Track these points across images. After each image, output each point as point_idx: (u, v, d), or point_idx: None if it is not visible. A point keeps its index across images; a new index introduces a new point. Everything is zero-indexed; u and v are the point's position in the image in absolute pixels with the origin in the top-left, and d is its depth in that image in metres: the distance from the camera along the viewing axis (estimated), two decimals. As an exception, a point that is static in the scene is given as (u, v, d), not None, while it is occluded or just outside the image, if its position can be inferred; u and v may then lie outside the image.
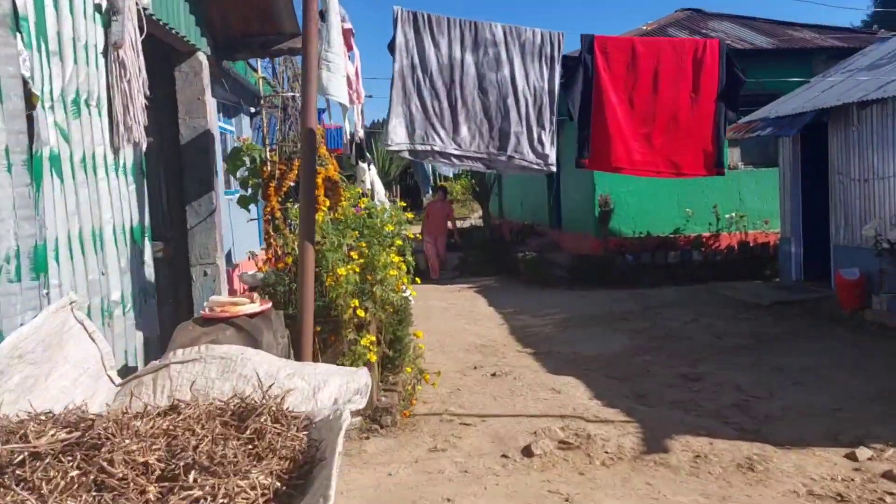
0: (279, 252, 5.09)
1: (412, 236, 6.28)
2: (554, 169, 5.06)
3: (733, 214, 12.73)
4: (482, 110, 4.70)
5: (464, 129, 4.66)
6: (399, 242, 5.40)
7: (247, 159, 6.00)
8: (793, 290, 10.53)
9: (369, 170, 9.00)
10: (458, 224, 21.84)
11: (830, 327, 8.45)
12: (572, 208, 14.59)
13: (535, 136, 4.78)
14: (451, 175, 26.62)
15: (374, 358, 4.71)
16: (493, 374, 6.84)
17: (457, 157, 4.67)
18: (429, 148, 4.64)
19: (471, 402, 5.93)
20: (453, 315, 10.36)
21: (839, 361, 6.96)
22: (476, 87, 4.69)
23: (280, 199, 5.34)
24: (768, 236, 12.69)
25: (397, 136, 4.61)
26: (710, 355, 7.48)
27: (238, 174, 6.10)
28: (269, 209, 5.29)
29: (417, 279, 6.82)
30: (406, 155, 4.68)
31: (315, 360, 4.94)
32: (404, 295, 6.23)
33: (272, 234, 5.22)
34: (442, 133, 4.61)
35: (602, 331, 8.88)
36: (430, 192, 16.23)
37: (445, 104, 4.64)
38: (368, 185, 9.20)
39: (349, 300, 4.62)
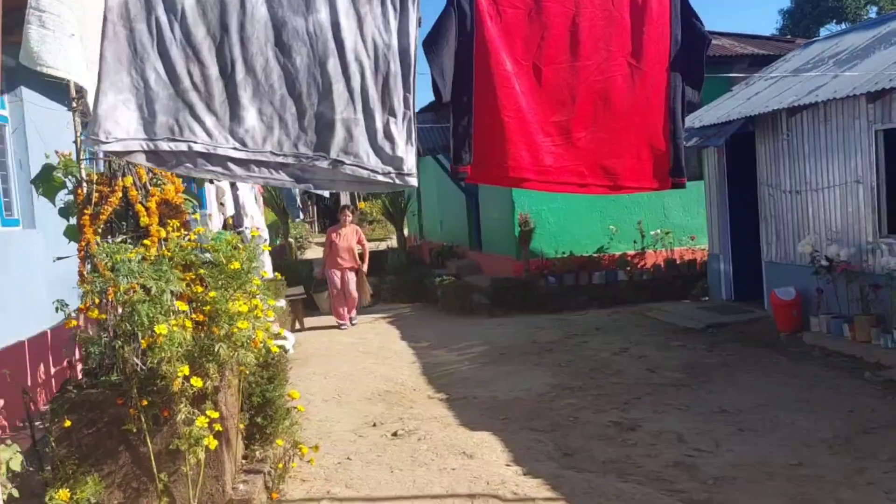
0: (96, 300, 3.84)
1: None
2: (413, 182, 3.12)
3: (658, 231, 12.08)
4: (283, 82, 2.82)
5: (250, 115, 2.77)
6: (256, 282, 4.22)
7: (69, 179, 4.72)
8: (724, 311, 9.85)
9: (234, 188, 7.67)
10: (374, 247, 20.69)
11: (769, 354, 7.72)
12: (492, 228, 13.69)
13: (380, 126, 2.98)
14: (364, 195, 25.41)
15: (212, 444, 3.51)
16: (395, 434, 5.70)
17: (239, 162, 2.76)
18: (184, 147, 2.73)
19: (362, 479, 4.78)
20: (360, 353, 9.19)
21: (785, 397, 6.17)
22: (270, 43, 2.78)
23: (99, 231, 4.09)
24: (695, 253, 12.08)
25: (119, 126, 2.69)
26: (643, 394, 6.58)
27: (57, 200, 4.80)
28: (83, 244, 4.05)
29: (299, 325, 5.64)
30: (139, 160, 2.71)
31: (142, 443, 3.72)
32: (278, 344, 5.04)
33: (87, 276, 3.97)
34: (208, 121, 2.70)
35: (523, 366, 7.89)
36: (300, 215, 14.67)
37: (213, 70, 2.71)
38: (231, 210, 7.91)
39: (177, 366, 3.42)
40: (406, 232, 26.79)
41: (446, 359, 8.61)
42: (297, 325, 11.18)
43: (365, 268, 11.26)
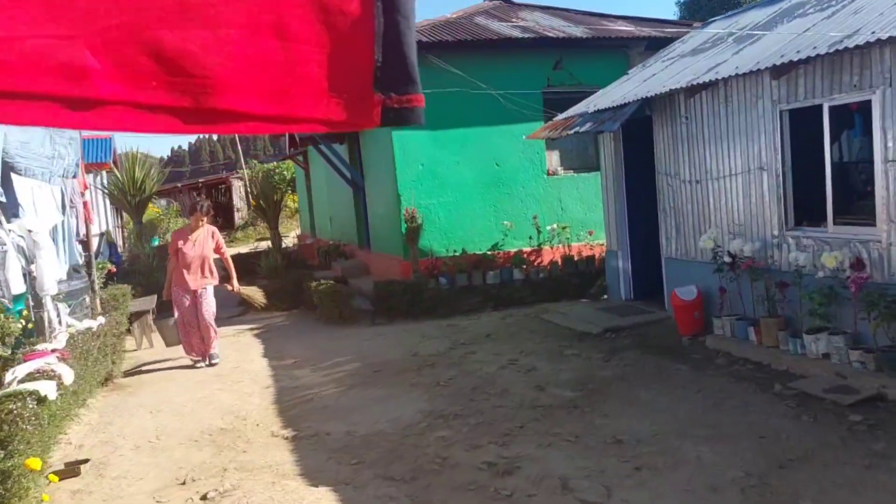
0: None
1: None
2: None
3: (555, 226, 11.20)
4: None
5: None
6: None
7: None
8: (624, 312, 9.02)
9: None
10: (255, 247, 19.07)
11: (670, 363, 6.87)
12: (379, 225, 12.49)
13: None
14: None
15: None
16: (204, 498, 4.41)
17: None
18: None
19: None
20: (208, 376, 7.81)
21: (689, 420, 5.27)
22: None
23: None
24: (593, 249, 11.28)
25: None
26: (528, 420, 5.55)
27: None
28: None
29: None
30: None
31: None
32: (26, 390, 3.67)
33: None
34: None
35: (397, 388, 6.74)
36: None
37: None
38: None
39: None
40: (300, 230, 25.35)
41: (309, 380, 7.35)
42: (146, 343, 9.63)
43: (236, 285, 8.96)
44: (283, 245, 17.79)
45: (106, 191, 11.20)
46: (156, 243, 24.38)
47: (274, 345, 9.23)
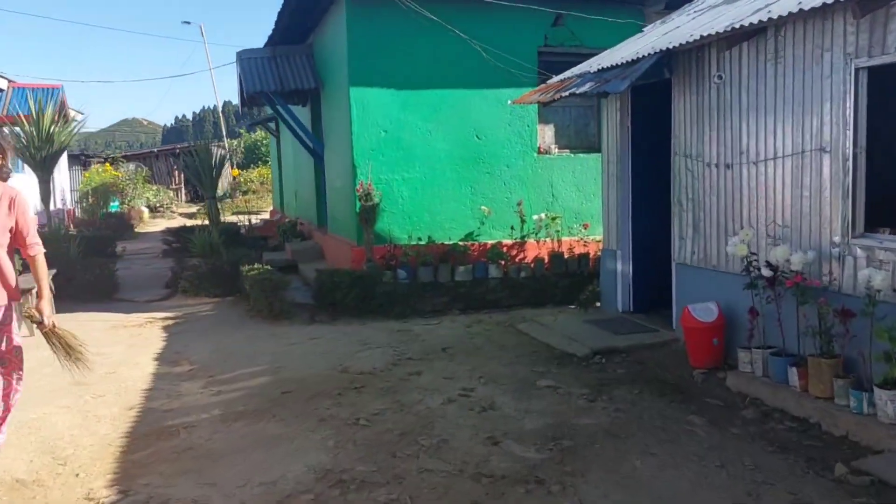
0: None
1: None
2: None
3: (543, 215, 9.29)
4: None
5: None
6: None
7: None
8: (619, 327, 7.14)
9: None
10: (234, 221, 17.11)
11: (679, 410, 4.99)
12: (335, 201, 10.57)
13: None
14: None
15: None
16: None
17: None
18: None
19: None
20: (66, 383, 5.90)
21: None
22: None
23: None
24: (588, 246, 9.38)
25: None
26: None
27: None
28: None
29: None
30: None
31: None
32: None
33: None
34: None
35: (298, 425, 4.86)
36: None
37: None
38: None
39: None
40: (272, 206, 23.39)
41: (192, 401, 5.46)
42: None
43: (46, 311, 4.32)
44: (238, 221, 15.86)
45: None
46: (115, 209, 22.49)
47: (178, 342, 7.34)
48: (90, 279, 9.66)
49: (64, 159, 24.74)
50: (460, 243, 9.10)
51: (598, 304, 8.15)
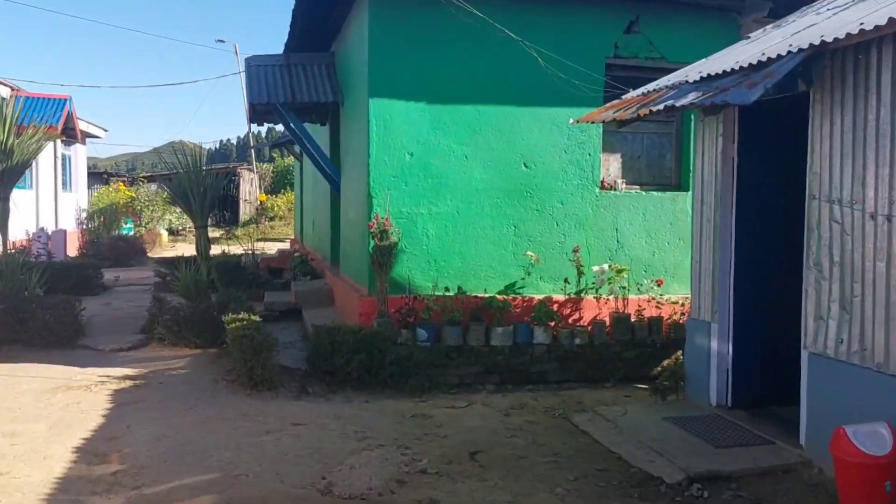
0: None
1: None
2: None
3: (606, 267, 7.33)
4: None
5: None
6: None
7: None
8: (717, 432, 5.12)
9: None
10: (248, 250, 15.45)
11: None
12: (348, 236, 8.75)
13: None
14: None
15: None
16: None
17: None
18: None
19: None
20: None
21: None
22: None
23: None
24: (662, 308, 7.39)
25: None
26: None
27: None
28: None
29: None
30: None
31: None
32: None
33: None
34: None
35: None
36: None
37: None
38: None
39: None
40: (294, 234, 21.77)
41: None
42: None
43: None
44: (253, 251, 14.14)
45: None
46: (128, 231, 21.07)
47: (120, 420, 5.51)
48: (49, 320, 7.96)
49: (84, 177, 23.58)
50: (498, 297, 7.18)
51: (677, 396, 6.12)
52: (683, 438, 5.09)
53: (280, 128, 18.29)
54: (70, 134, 17.10)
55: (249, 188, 32.50)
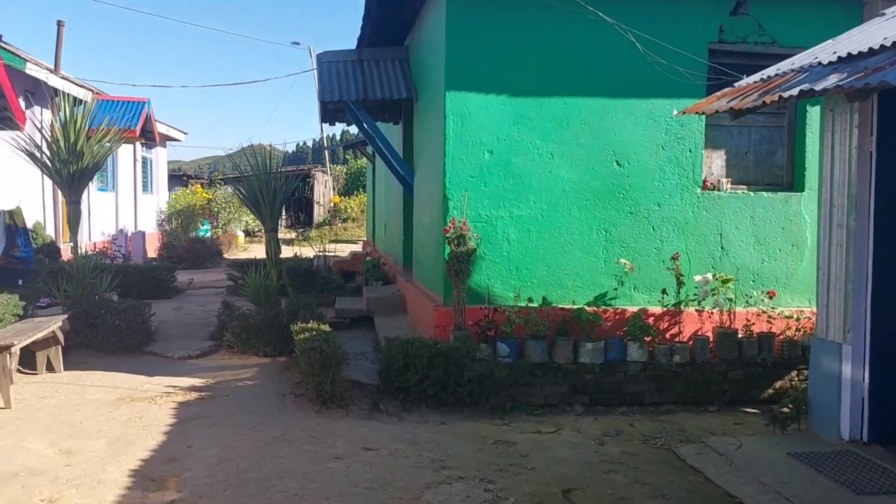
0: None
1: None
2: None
3: (710, 276, 6.56)
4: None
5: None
6: None
7: None
8: (854, 474, 4.33)
9: None
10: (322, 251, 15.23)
11: None
12: (422, 241, 8.24)
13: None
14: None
15: None
16: None
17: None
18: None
19: None
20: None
21: None
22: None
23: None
24: (773, 323, 6.57)
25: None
26: None
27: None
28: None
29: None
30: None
31: None
32: None
33: None
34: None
35: None
36: None
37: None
38: None
39: None
40: (366, 236, 21.53)
41: None
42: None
43: None
44: (325, 255, 13.84)
45: (25, 150, 7.55)
46: (205, 233, 21.27)
47: (181, 439, 5.14)
48: (119, 326, 7.76)
49: (164, 179, 24.05)
50: (587, 309, 6.52)
51: (797, 426, 5.32)
52: (814, 481, 4.32)
53: (354, 129, 18.14)
54: (149, 137, 17.30)
55: (323, 190, 32.66)
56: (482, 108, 6.58)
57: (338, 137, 55.42)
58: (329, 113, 9.40)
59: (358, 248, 21.55)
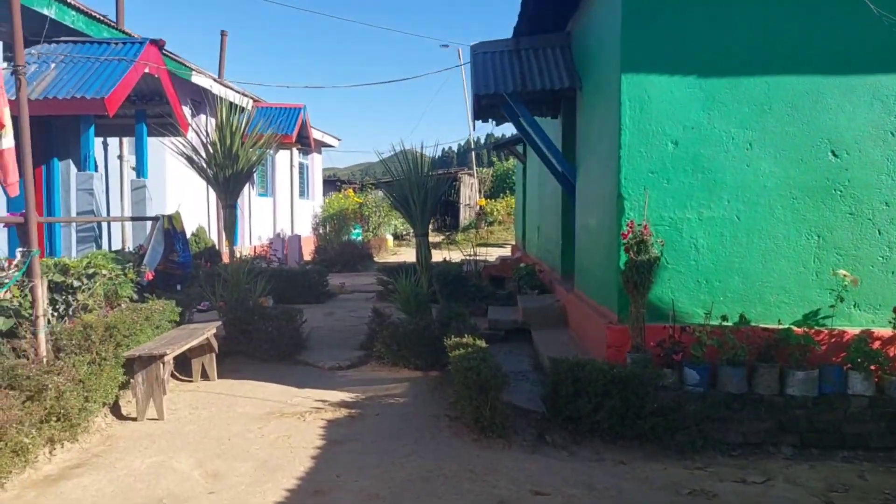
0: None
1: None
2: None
3: (964, 292, 5.22)
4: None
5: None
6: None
7: None
8: None
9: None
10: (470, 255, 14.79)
11: None
12: (587, 247, 7.38)
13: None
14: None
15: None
16: None
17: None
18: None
19: None
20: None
21: None
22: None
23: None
24: None
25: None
26: None
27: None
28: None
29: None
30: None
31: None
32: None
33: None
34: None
35: None
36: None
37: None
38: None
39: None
40: (515, 240, 20.81)
41: None
42: (151, 412, 5.64)
43: None
44: (476, 260, 13.27)
45: (183, 154, 7.55)
46: (356, 237, 21.53)
47: (330, 466, 4.67)
48: (271, 332, 7.57)
49: (319, 184, 24.75)
50: (796, 330, 5.40)
51: None
52: None
53: (498, 131, 17.46)
54: (304, 143, 17.65)
55: (469, 193, 32.38)
56: (664, 92, 5.65)
57: (481, 141, 55.08)
58: (482, 109, 8.76)
59: (505, 252, 20.92)
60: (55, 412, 4.69)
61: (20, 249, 4.85)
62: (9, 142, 4.45)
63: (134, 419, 5.67)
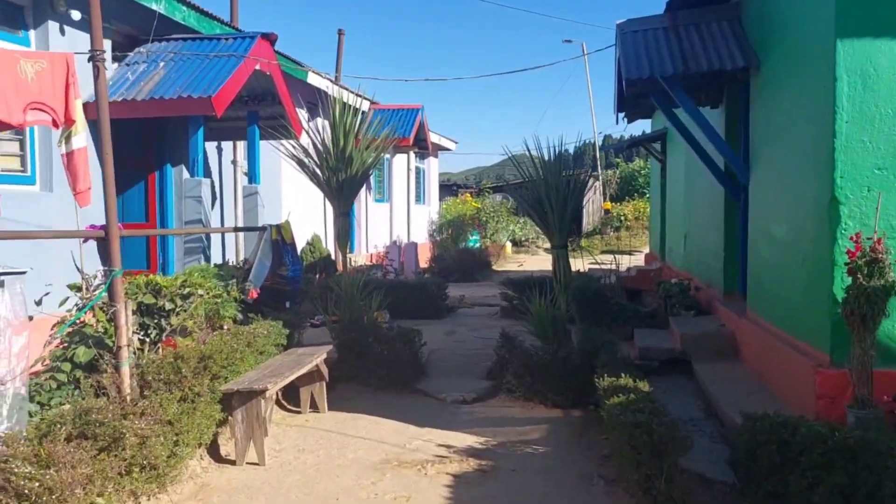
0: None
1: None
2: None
3: None
4: None
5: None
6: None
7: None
8: None
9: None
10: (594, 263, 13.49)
11: None
12: (773, 262, 5.95)
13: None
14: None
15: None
16: None
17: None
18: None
19: None
20: None
21: None
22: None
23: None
24: None
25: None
26: None
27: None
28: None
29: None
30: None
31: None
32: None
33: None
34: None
35: None
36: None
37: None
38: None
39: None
40: (648, 247, 19.11)
41: None
42: (251, 455, 4.84)
43: None
44: (617, 273, 11.90)
45: (293, 156, 6.81)
46: (474, 243, 20.59)
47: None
48: (387, 356, 6.69)
49: (436, 189, 24.06)
50: None
51: None
52: None
53: (625, 131, 15.55)
54: (422, 145, 16.92)
55: (593, 196, 30.75)
56: (899, 62, 4.24)
57: (599, 143, 52.49)
58: (630, 99, 7.53)
59: (636, 260, 19.27)
60: (137, 462, 3.95)
61: (100, 269, 4.21)
62: (80, 142, 3.77)
63: (233, 462, 4.91)
